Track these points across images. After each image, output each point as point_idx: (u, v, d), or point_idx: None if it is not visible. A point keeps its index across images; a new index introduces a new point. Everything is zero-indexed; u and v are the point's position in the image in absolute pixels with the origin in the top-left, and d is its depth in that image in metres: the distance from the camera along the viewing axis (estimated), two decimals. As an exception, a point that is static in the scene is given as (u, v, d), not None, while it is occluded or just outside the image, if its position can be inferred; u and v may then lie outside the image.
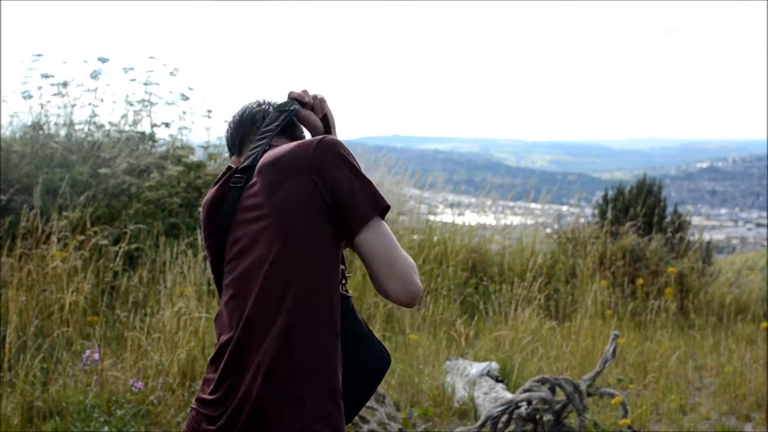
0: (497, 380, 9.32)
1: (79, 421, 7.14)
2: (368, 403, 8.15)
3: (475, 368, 9.46)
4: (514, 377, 9.65)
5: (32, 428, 7.48)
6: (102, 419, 7.12)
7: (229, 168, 3.43)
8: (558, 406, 8.05)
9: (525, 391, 8.15)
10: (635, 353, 10.97)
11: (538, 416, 8.04)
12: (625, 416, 8.11)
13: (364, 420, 7.94)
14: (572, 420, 8.26)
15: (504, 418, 8.08)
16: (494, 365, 9.64)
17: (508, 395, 8.42)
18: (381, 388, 8.50)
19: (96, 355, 8.03)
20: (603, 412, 8.87)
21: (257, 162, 3.31)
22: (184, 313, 9.20)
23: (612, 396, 8.39)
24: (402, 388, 9.25)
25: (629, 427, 8.04)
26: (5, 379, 8.09)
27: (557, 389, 8.30)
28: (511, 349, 10.45)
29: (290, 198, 3.14)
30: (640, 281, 13.43)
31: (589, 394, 8.41)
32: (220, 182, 3.42)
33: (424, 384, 9.34)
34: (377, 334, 10.35)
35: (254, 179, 3.27)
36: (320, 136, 3.25)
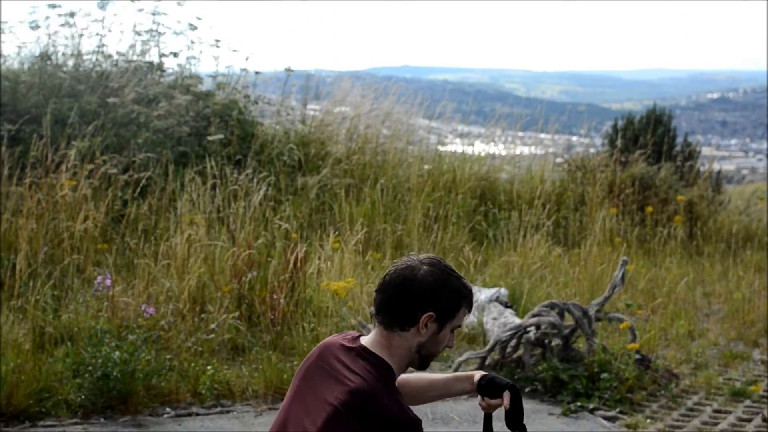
0: (506, 306, 9.35)
1: (91, 346, 7.19)
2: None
3: (484, 294, 9.50)
4: (523, 303, 9.69)
5: (44, 354, 7.54)
6: (113, 344, 7.16)
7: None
8: (567, 331, 8.10)
9: (534, 316, 8.19)
10: (644, 280, 11.00)
11: (546, 341, 8.08)
12: (633, 341, 8.15)
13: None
14: (581, 344, 8.30)
15: (513, 342, 8.13)
16: (503, 291, 9.67)
17: (517, 320, 8.47)
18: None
19: (108, 281, 8.07)
20: (611, 337, 8.91)
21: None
22: (194, 241, 9.23)
23: (620, 321, 8.43)
24: (411, 313, 9.27)
25: (637, 351, 8.08)
26: (16, 305, 8.15)
27: (566, 314, 8.33)
28: (520, 275, 10.48)
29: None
30: (649, 209, 13.42)
31: (597, 319, 8.45)
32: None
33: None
34: (387, 262, 10.39)
35: (349, 371, 3.31)
36: (408, 418, 3.21)
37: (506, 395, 3.47)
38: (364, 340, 3.36)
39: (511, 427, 3.47)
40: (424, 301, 3.28)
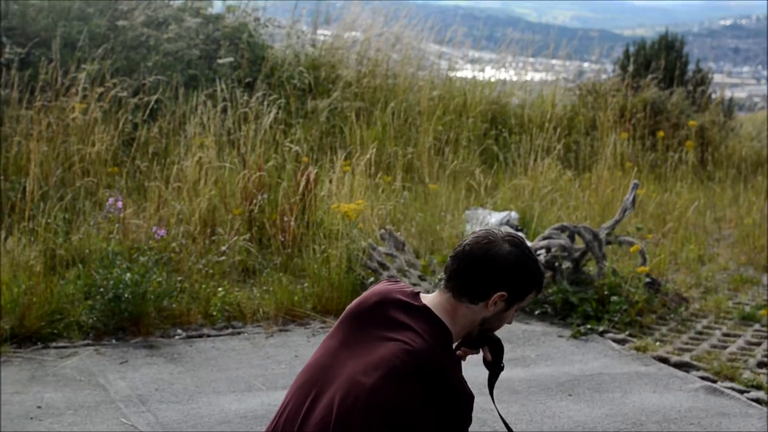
0: (517, 229, 9.36)
1: (102, 268, 7.21)
2: (388, 251, 8.22)
3: (495, 217, 9.50)
4: (533, 226, 9.69)
5: (55, 276, 7.57)
6: (124, 266, 7.19)
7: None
8: (577, 254, 8.10)
9: (544, 238, 8.19)
10: (654, 204, 10.98)
11: (557, 263, 8.09)
12: (643, 264, 8.16)
13: (384, 267, 8.01)
14: (591, 267, 8.31)
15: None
16: (514, 214, 9.67)
17: (528, 243, 8.46)
18: (401, 236, 8.55)
19: (119, 203, 8.08)
20: (621, 260, 8.92)
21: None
22: (205, 163, 9.22)
23: (631, 244, 8.43)
24: (422, 236, 9.30)
25: (647, 275, 8.08)
26: (27, 228, 8.17)
27: (576, 237, 8.33)
28: (531, 199, 10.47)
29: (392, 393, 3.15)
30: (660, 134, 13.37)
31: (608, 243, 8.45)
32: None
33: (444, 232, 9.38)
34: (398, 185, 10.39)
35: (408, 328, 3.28)
36: (464, 391, 3.19)
37: (485, 349, 3.47)
38: (426, 300, 3.35)
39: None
40: (501, 280, 3.24)
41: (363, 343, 3.29)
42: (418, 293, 3.37)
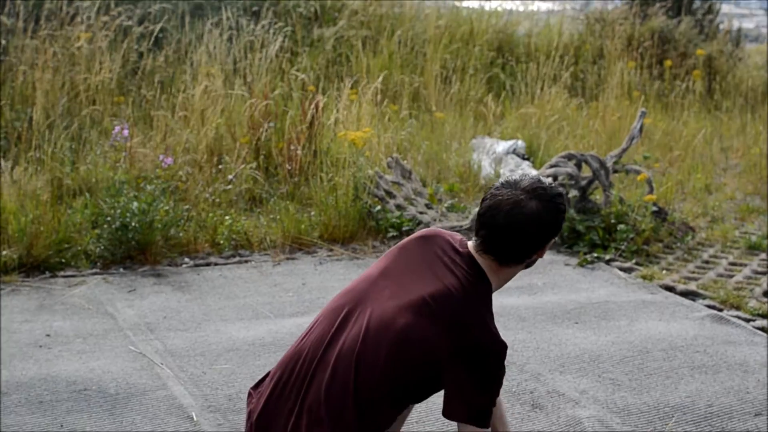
0: (523, 158, 9.34)
1: (109, 197, 7.21)
2: (395, 179, 8.21)
3: (502, 146, 9.48)
4: (540, 155, 9.67)
5: (62, 205, 7.58)
6: (131, 195, 7.19)
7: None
8: (584, 182, 8.08)
9: (551, 167, 8.16)
10: (661, 133, 10.95)
11: (563, 192, 8.07)
12: (650, 193, 8.14)
13: (390, 195, 8.00)
14: (598, 196, 8.30)
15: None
16: (520, 143, 9.64)
17: (534, 172, 8.45)
18: (408, 165, 8.54)
19: (125, 131, 8.06)
20: (628, 189, 8.91)
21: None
22: (211, 92, 9.19)
23: (638, 173, 8.41)
24: (428, 164, 9.29)
25: (654, 204, 8.07)
26: (34, 157, 8.16)
27: (583, 165, 8.31)
28: (538, 127, 10.44)
29: (425, 332, 3.17)
30: (668, 63, 13.28)
31: (615, 171, 8.43)
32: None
33: (451, 161, 9.37)
34: (404, 113, 10.36)
35: (452, 271, 3.30)
36: (496, 342, 3.21)
37: None
38: (472, 250, 3.36)
39: None
40: (540, 240, 3.30)
41: (403, 277, 3.31)
42: (466, 242, 3.38)
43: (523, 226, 3.21)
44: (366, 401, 3.19)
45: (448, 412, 3.23)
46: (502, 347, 3.19)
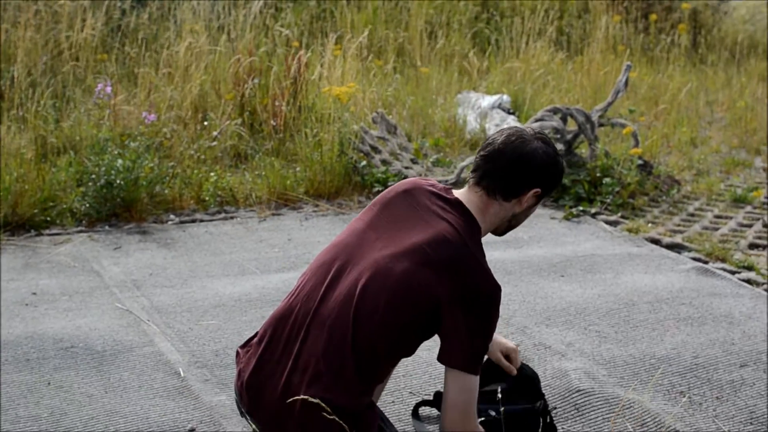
0: (509, 112, 9.32)
1: (93, 154, 7.18)
2: (380, 134, 8.19)
3: (487, 101, 9.45)
4: (525, 109, 9.66)
5: (46, 163, 7.55)
6: (116, 152, 7.16)
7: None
8: (569, 136, 8.07)
9: (536, 120, 8.14)
10: (646, 87, 10.94)
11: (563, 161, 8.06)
12: (636, 146, 8.14)
13: (376, 150, 7.99)
14: (583, 150, 8.30)
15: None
16: (506, 98, 9.62)
17: (519, 126, 8.43)
18: (393, 120, 8.52)
19: (108, 88, 8.02)
20: (614, 142, 8.92)
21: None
22: (195, 48, 9.14)
23: (623, 126, 8.40)
24: (413, 119, 9.27)
25: (640, 157, 8.07)
26: (17, 116, 8.12)
27: (569, 119, 8.30)
28: (523, 82, 10.42)
29: (421, 280, 3.18)
30: (653, 17, 13.24)
31: (600, 125, 8.42)
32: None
33: (436, 116, 9.35)
34: (389, 68, 10.32)
35: (440, 217, 3.30)
36: (493, 286, 3.23)
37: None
38: (458, 195, 3.36)
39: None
40: (536, 178, 3.31)
41: (393, 228, 3.31)
42: (450, 188, 3.39)
43: (521, 156, 3.25)
44: (365, 353, 3.19)
45: (445, 358, 3.25)
46: (498, 289, 3.21)
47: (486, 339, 3.24)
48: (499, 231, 3.44)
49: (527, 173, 3.27)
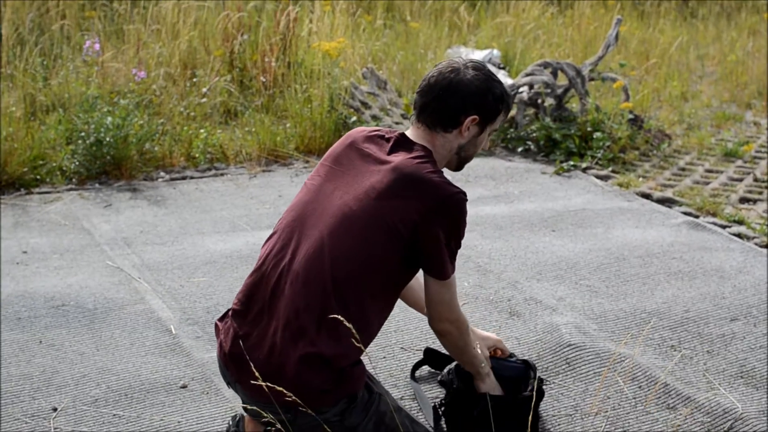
0: (499, 67, 9.29)
1: (82, 112, 7.15)
2: (370, 90, 8.17)
3: (477, 56, 9.41)
4: (515, 64, 9.63)
5: (35, 122, 7.52)
6: (105, 110, 7.13)
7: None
8: (560, 91, 8.05)
9: (527, 75, 8.13)
10: (637, 41, 10.91)
11: (539, 100, 8.05)
12: (626, 100, 8.12)
13: (366, 106, 7.97)
14: (574, 104, 8.29)
15: (506, 103, 8.08)
16: (496, 52, 9.58)
17: (510, 81, 8.41)
18: (383, 75, 8.49)
19: (97, 46, 7.97)
20: (605, 97, 8.90)
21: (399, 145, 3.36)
22: (183, 4, 9.08)
23: (614, 81, 8.38)
24: (404, 75, 9.23)
25: (630, 111, 8.06)
26: (5, 73, 8.07)
27: (559, 73, 8.28)
28: (513, 36, 10.38)
29: (390, 211, 3.19)
30: (644, -30, 13.19)
31: (591, 79, 8.40)
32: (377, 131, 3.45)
33: (426, 71, 9.29)
34: (379, 23, 10.27)
35: (389, 155, 3.32)
36: (458, 192, 3.23)
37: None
38: (408, 132, 3.37)
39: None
40: (470, 104, 3.30)
41: (348, 176, 3.31)
42: (394, 130, 3.41)
43: (450, 84, 3.27)
44: (348, 295, 3.18)
45: (428, 271, 3.31)
46: (464, 194, 3.24)
47: (458, 240, 3.30)
48: (453, 165, 3.45)
49: (459, 100, 3.28)
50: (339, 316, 3.11)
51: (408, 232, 3.17)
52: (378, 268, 3.21)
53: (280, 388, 3.09)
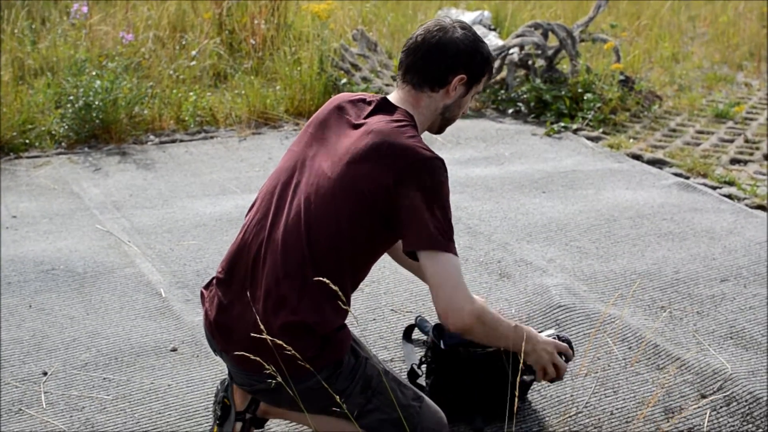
0: (490, 29, 9.26)
1: (71, 75, 7.11)
2: (360, 52, 8.13)
3: (468, 17, 9.38)
4: (506, 25, 9.60)
5: (24, 85, 7.48)
6: (94, 73, 7.10)
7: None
8: (550, 52, 8.03)
9: (517, 36, 8.10)
10: (628, 2, 10.87)
11: (530, 62, 8.03)
12: (617, 62, 8.10)
13: (356, 68, 7.94)
14: (564, 65, 8.27)
15: (496, 65, 8.07)
16: (487, 14, 9.55)
17: (500, 42, 8.38)
18: (373, 37, 8.45)
19: (85, 8, 7.93)
20: (595, 58, 8.87)
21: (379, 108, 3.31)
22: (171, -34, 9.04)
23: (604, 42, 8.36)
24: (394, 37, 9.20)
25: (621, 72, 8.04)
26: (-7, 38, 8.03)
27: (550, 35, 8.25)
28: (504, -2, 10.37)
29: (361, 175, 3.13)
30: (635, -70, 13.13)
31: (582, 40, 8.37)
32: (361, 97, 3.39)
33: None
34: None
35: (368, 119, 3.26)
36: (433, 155, 3.13)
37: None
38: (389, 97, 3.33)
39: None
40: (459, 63, 3.25)
41: (328, 142, 3.29)
42: (379, 94, 3.38)
43: (438, 42, 3.22)
44: (323, 262, 3.16)
45: (412, 242, 3.16)
46: (440, 159, 3.18)
47: (444, 209, 3.15)
48: (436, 127, 3.40)
49: (447, 58, 3.24)
50: (324, 279, 3.09)
51: (381, 197, 3.11)
52: (351, 235, 3.16)
53: (264, 359, 3.08)
